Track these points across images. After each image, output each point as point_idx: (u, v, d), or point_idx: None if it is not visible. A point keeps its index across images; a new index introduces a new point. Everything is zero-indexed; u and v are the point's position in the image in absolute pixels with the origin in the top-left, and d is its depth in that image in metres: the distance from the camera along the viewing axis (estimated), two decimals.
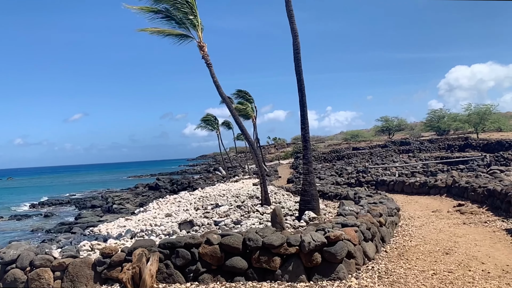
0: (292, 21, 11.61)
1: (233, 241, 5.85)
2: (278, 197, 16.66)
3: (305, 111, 11.93)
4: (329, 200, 16.28)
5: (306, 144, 12.10)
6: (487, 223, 9.80)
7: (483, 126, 49.45)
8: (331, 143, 75.78)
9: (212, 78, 15.08)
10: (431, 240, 8.43)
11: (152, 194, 41.94)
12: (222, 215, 13.52)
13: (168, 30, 15.24)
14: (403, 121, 72.83)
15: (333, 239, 5.79)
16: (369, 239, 7.00)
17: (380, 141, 59.03)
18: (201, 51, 15.01)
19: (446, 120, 57.19)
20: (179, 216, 14.68)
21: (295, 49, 11.64)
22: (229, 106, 15.31)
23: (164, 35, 15.37)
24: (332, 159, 46.92)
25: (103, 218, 27.10)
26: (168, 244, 6.01)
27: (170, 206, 17.73)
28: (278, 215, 9.23)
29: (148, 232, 12.02)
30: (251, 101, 42.92)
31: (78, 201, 42.63)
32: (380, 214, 8.35)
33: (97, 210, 36.51)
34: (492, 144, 37.42)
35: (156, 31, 15.14)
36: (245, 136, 15.70)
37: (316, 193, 12.12)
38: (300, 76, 11.74)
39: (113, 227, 13.61)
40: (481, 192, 12.56)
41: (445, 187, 15.42)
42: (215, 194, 19.86)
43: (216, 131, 46.45)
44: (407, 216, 11.62)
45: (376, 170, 23.73)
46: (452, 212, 11.81)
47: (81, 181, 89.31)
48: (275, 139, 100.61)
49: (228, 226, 11.66)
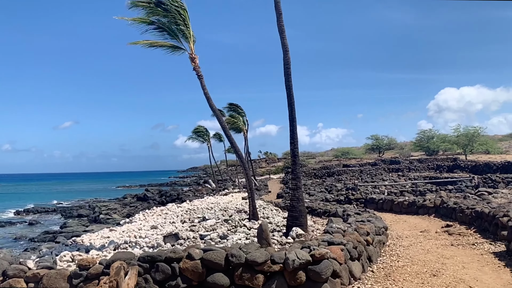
0: (283, 36, 11.64)
1: (216, 256, 5.66)
2: (266, 212, 16.46)
3: (295, 126, 11.86)
4: (318, 216, 16.14)
5: (295, 159, 12.00)
6: (475, 245, 9.72)
7: (471, 148, 49.96)
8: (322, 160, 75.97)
9: (202, 89, 15.00)
10: (418, 261, 8.31)
11: (140, 205, 41.44)
12: (208, 229, 13.27)
13: (160, 42, 15.16)
14: (393, 140, 73.49)
15: (318, 258, 5.64)
16: (355, 258, 6.86)
17: (370, 159, 59.29)
18: (192, 63, 14.95)
19: (435, 141, 57.74)
20: (164, 228, 14.39)
21: (285, 63, 11.64)
22: (219, 118, 15.21)
23: (156, 47, 15.33)
24: (323, 175, 46.90)
25: (89, 228, 26.65)
26: (148, 258, 5.79)
27: (156, 218, 17.41)
28: (264, 230, 9.06)
29: (132, 244, 11.72)
30: (243, 114, 42.87)
31: (65, 210, 41.97)
32: (368, 232, 8.22)
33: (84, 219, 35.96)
34: (480, 166, 37.73)
35: (148, 43, 15.09)
36: (234, 149, 15.57)
37: (304, 209, 11.97)
38: (290, 91, 11.72)
39: (96, 237, 13.27)
40: (469, 214, 12.52)
41: (434, 207, 15.38)
42: (203, 207, 19.58)
43: (207, 143, 46.23)
44: (395, 235, 11.51)
45: (365, 188, 23.67)
46: (440, 233, 11.73)
47: (69, 189, 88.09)
48: (266, 153, 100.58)
49: (214, 241, 11.43)
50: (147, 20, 14.73)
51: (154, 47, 15.33)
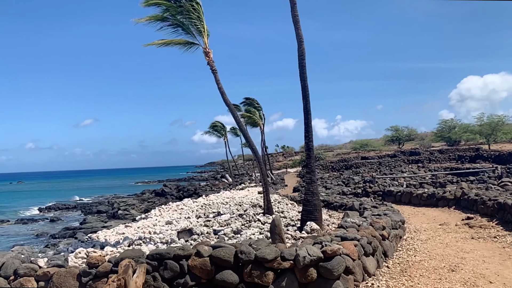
0: (297, 27, 11.38)
1: (224, 253, 5.54)
2: (281, 207, 16.31)
3: (309, 118, 11.63)
4: (334, 210, 15.92)
5: (309, 153, 11.78)
6: (496, 238, 9.36)
7: (495, 137, 48.55)
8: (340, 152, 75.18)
9: (217, 84, 14.90)
10: (436, 255, 8.03)
11: (158, 201, 41.83)
12: (222, 224, 13.22)
13: (174, 40, 15.17)
14: (413, 131, 72.00)
15: (330, 254, 5.46)
16: (370, 254, 6.64)
17: (389, 151, 58.30)
18: (206, 57, 14.85)
19: (457, 131, 56.35)
20: (180, 224, 14.41)
21: (300, 55, 11.40)
22: (233, 113, 15.09)
23: (174, 44, 15.32)
24: (340, 168, 46.43)
25: (107, 224, 27.03)
26: (156, 256, 5.72)
27: (172, 213, 17.49)
28: (277, 225, 8.91)
29: (146, 240, 11.76)
30: (259, 108, 42.74)
31: (85, 206, 42.80)
32: (383, 227, 7.98)
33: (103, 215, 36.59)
34: (504, 156, 36.62)
35: (163, 43, 15.16)
36: (249, 143, 15.43)
37: (319, 203, 11.76)
38: (304, 83, 11.48)
39: (112, 234, 13.38)
40: (491, 205, 12.10)
41: (454, 199, 14.94)
42: (218, 202, 19.57)
43: (224, 138, 46.31)
44: (412, 229, 11.20)
45: (383, 180, 23.23)
46: (460, 226, 11.36)
47: (89, 186, 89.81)
48: (284, 147, 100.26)
49: (228, 236, 11.36)
50: (161, 17, 14.75)
51: (169, 45, 15.36)
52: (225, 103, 14.84)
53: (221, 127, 45.67)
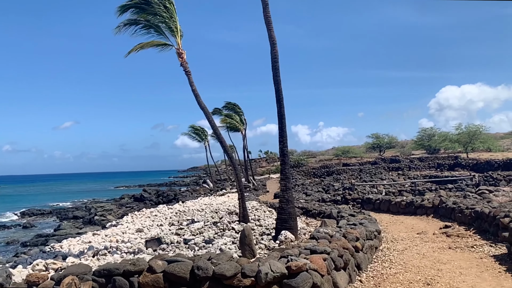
0: (269, 28, 11.02)
1: (180, 269, 5.03)
2: (258, 214, 15.85)
3: (284, 123, 11.25)
4: (313, 217, 15.55)
5: (284, 159, 11.38)
6: (474, 248, 9.10)
7: (472, 146, 49.26)
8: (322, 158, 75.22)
9: (190, 86, 14.48)
10: (412, 267, 7.68)
11: (137, 206, 40.82)
12: (195, 233, 12.68)
13: (150, 42, 14.94)
14: (394, 139, 72.69)
15: (295, 270, 5.00)
16: (341, 268, 6.22)
17: (370, 158, 58.57)
18: (179, 58, 14.46)
19: (436, 139, 57.01)
20: (151, 231, 13.81)
21: (273, 57, 11.03)
22: (208, 116, 14.59)
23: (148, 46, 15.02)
24: (322, 174, 46.28)
25: (83, 230, 26.05)
26: (104, 272, 5.17)
27: (145, 220, 16.82)
28: (247, 236, 8.45)
29: (112, 249, 11.15)
30: (241, 113, 42.32)
31: (60, 212, 41.45)
32: (357, 238, 7.59)
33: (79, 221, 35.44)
34: (481, 164, 37.08)
35: (139, 47, 14.86)
36: (224, 148, 14.95)
37: (294, 211, 11.35)
38: (278, 86, 11.10)
39: (77, 243, 12.68)
40: (468, 214, 11.89)
41: (432, 207, 14.73)
42: (194, 209, 18.97)
43: (205, 143, 45.67)
44: (390, 238, 10.88)
45: (363, 188, 23.01)
46: (438, 235, 11.10)
47: (68, 190, 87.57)
48: (267, 152, 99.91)
49: (198, 245, 10.83)
50: (134, 21, 14.44)
51: (144, 48, 15.02)
52: (199, 106, 14.37)
53: (202, 131, 45.02)
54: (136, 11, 14.37)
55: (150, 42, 14.72)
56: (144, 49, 15.15)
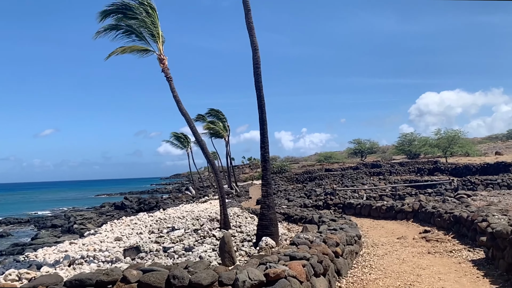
0: (251, 34, 11.01)
1: (155, 279, 4.88)
2: (240, 220, 15.73)
3: (265, 129, 11.22)
4: (295, 223, 15.53)
5: (265, 165, 11.33)
6: (452, 253, 9.18)
7: (451, 151, 50.26)
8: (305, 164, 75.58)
9: (172, 92, 14.35)
10: (392, 272, 7.68)
11: (117, 214, 40.11)
12: (175, 240, 12.47)
13: (131, 47, 14.72)
14: (375, 144, 73.59)
15: (273, 277, 4.92)
16: (320, 274, 6.16)
17: (352, 163, 59.13)
18: (161, 64, 14.33)
19: (416, 144, 57.96)
20: (130, 240, 13.54)
21: (254, 63, 11.01)
22: (189, 123, 14.45)
23: (129, 51, 14.84)
24: (304, 180, 46.42)
25: (61, 239, 25.44)
26: (75, 282, 4.97)
27: (124, 228, 16.49)
28: (227, 243, 8.34)
29: (89, 259, 10.87)
30: (224, 120, 42.17)
31: (38, 220, 40.43)
32: (337, 243, 7.55)
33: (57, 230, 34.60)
34: (460, 168, 37.78)
35: (120, 51, 14.65)
36: (205, 154, 14.80)
37: (275, 217, 11.30)
38: (260, 92, 11.07)
39: (52, 252, 12.31)
40: (447, 218, 12.04)
41: (412, 211, 14.88)
42: (175, 216, 18.72)
43: (187, 150, 45.31)
44: (370, 243, 10.91)
45: (344, 193, 23.15)
46: (417, 239, 11.18)
47: (47, 198, 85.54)
48: (250, 159, 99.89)
49: (178, 253, 10.66)
50: (115, 26, 14.27)
51: (128, 51, 14.86)
52: (181, 113, 14.23)
53: (184, 138, 44.67)
54: (117, 17, 14.20)
55: (132, 46, 14.54)
56: (125, 53, 14.97)
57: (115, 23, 14.27)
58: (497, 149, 56.72)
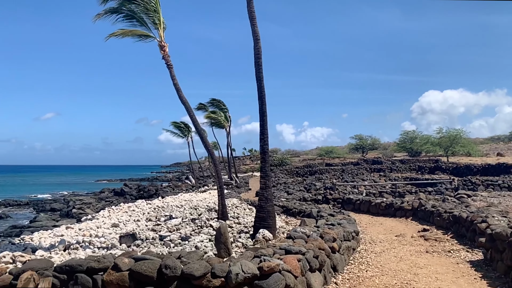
0: (253, 23, 10.81)
1: (146, 267, 4.78)
2: (238, 212, 15.64)
3: (265, 120, 11.07)
4: (293, 216, 15.44)
5: (264, 156, 11.21)
6: (450, 253, 9.07)
7: (453, 150, 50.04)
8: (306, 158, 75.54)
9: (172, 80, 14.18)
10: (389, 270, 7.59)
11: (116, 200, 40.16)
12: (171, 229, 12.41)
13: (132, 31, 14.51)
14: (377, 141, 73.46)
15: (267, 271, 4.81)
16: (316, 269, 6.06)
17: (353, 159, 59.02)
18: (161, 51, 14.15)
19: (418, 142, 57.75)
20: (127, 227, 13.47)
21: (256, 53, 10.82)
22: (189, 111, 14.29)
23: (130, 36, 14.67)
24: (305, 173, 46.34)
25: (59, 223, 25.50)
26: (66, 268, 4.88)
27: (121, 215, 16.43)
28: (223, 234, 8.25)
29: (85, 244, 10.80)
30: (225, 110, 41.99)
31: (38, 203, 40.55)
32: (334, 238, 7.45)
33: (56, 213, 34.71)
34: (461, 168, 37.60)
35: (121, 33, 14.45)
36: (204, 144, 14.69)
37: (273, 210, 11.21)
38: (260, 83, 10.91)
39: (48, 236, 12.26)
40: (446, 218, 11.93)
41: (411, 209, 14.78)
42: (173, 205, 18.65)
43: (187, 139, 45.18)
44: (368, 239, 10.82)
45: (344, 188, 23.04)
46: (416, 238, 11.08)
47: (47, 182, 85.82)
48: (251, 150, 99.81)
49: (174, 242, 10.58)
50: (115, 9, 14.06)
51: (128, 35, 14.66)
52: (181, 101, 14.07)
53: (185, 127, 44.51)
54: (119, 1, 14.02)
55: (133, 30, 14.35)
56: (126, 36, 14.76)
57: (116, 6, 14.10)
58: (499, 150, 56.52)
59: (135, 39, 14.90)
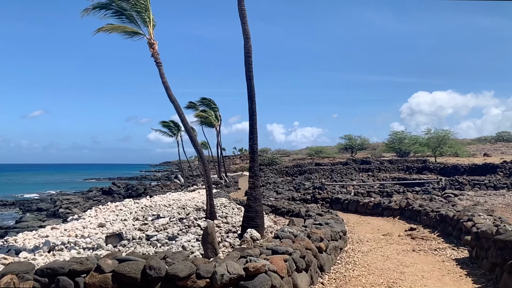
0: (244, 21, 10.75)
1: (130, 269, 4.70)
2: (226, 211, 15.57)
3: (255, 120, 11.03)
4: (282, 216, 15.43)
5: (253, 156, 11.18)
6: (437, 251, 9.14)
7: (441, 150, 50.61)
8: (296, 158, 75.78)
9: (161, 78, 14.07)
10: (376, 269, 7.61)
11: (104, 199, 39.75)
12: (159, 229, 12.29)
13: (121, 26, 14.34)
14: (366, 141, 73.98)
15: (253, 272, 4.77)
16: (302, 269, 6.04)
17: (342, 159, 59.34)
18: (151, 49, 14.03)
19: (406, 142, 58.31)
20: (113, 226, 13.31)
21: (246, 52, 10.77)
22: (178, 110, 14.18)
23: (119, 32, 14.49)
24: (294, 173, 46.45)
25: (45, 223, 25.11)
26: (47, 271, 4.76)
27: (108, 214, 16.24)
28: (210, 234, 8.18)
29: (70, 245, 10.62)
30: (216, 109, 41.88)
31: (24, 203, 39.95)
32: (321, 238, 7.44)
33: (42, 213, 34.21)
34: (448, 168, 38.03)
35: (110, 28, 14.25)
36: (193, 143, 14.60)
37: (261, 209, 11.18)
38: (250, 82, 10.86)
39: (33, 237, 12.03)
40: (433, 217, 12.03)
41: (399, 209, 14.87)
42: (161, 204, 18.51)
43: (176, 138, 44.94)
44: (356, 239, 10.85)
45: (333, 187, 23.13)
46: (403, 237, 11.15)
47: (34, 181, 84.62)
48: (241, 150, 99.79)
49: (161, 242, 10.48)
50: (105, 5, 13.88)
51: (116, 31, 14.49)
52: (170, 99, 13.96)
53: (174, 126, 44.27)
54: None
55: (122, 26, 14.18)
56: (115, 32, 14.58)
57: (105, 1, 13.93)
58: (485, 150, 57.37)
59: (124, 36, 14.76)
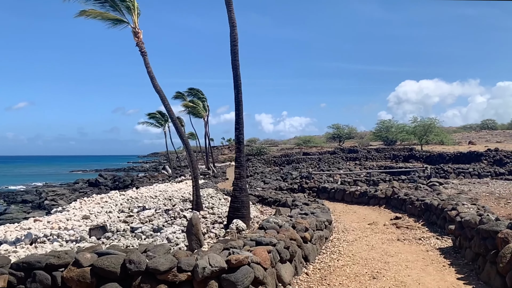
0: (230, 9, 10.55)
1: (109, 263, 4.59)
2: (213, 202, 15.50)
3: (241, 110, 10.92)
4: (268, 206, 15.43)
5: (239, 146, 11.09)
6: (421, 240, 9.21)
7: (427, 139, 51.16)
8: (284, 147, 75.92)
9: (146, 68, 13.83)
10: (360, 259, 7.62)
11: (91, 191, 39.45)
12: (144, 220, 12.16)
13: (104, 14, 13.96)
14: (354, 130, 74.45)
15: (235, 264, 4.70)
16: (286, 260, 6.01)
17: (330, 148, 59.64)
18: (135, 38, 13.76)
19: (393, 131, 58.80)
20: (98, 218, 13.14)
21: (232, 40, 10.60)
22: (164, 101, 13.97)
23: (102, 19, 14.12)
24: (282, 163, 46.50)
25: (30, 215, 24.82)
26: (23, 265, 4.63)
27: (93, 206, 16.03)
28: (194, 225, 8.09)
29: (53, 237, 10.46)
30: (204, 99, 41.57)
31: (9, 195, 39.47)
32: (306, 228, 7.42)
33: (27, 205, 33.83)
34: (434, 156, 38.45)
35: (92, 13, 13.84)
36: (179, 133, 14.42)
37: (247, 199, 11.14)
38: (236, 71, 10.71)
39: (14, 229, 11.82)
40: (418, 206, 12.12)
41: (385, 198, 14.96)
42: (147, 195, 18.34)
43: (164, 128, 44.56)
44: (341, 228, 10.88)
45: (320, 177, 23.20)
46: (388, 226, 11.21)
47: (20, 173, 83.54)
48: (230, 140, 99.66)
49: (146, 234, 10.37)
50: None
51: (99, 18, 14.11)
52: (155, 89, 13.74)
53: (161, 117, 43.85)
54: None
55: (105, 13, 13.83)
56: (98, 18, 14.19)
57: None
58: (470, 138, 58.19)
59: (108, 25, 14.42)
